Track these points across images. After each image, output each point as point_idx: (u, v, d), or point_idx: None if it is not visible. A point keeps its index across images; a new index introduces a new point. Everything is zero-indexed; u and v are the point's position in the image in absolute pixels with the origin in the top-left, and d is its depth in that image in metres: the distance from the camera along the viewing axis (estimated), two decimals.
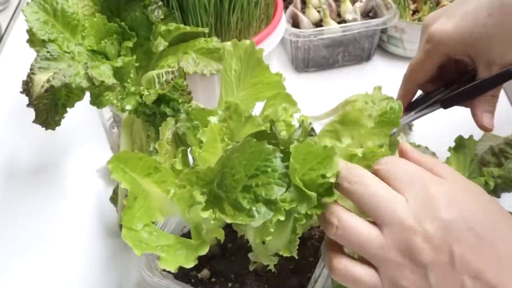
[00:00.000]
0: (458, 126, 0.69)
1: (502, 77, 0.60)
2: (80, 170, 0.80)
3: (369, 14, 0.99)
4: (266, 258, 0.48)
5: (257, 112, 0.55)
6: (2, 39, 1.06)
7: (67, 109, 0.61)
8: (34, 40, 0.60)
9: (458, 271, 0.37)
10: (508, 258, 0.38)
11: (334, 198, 0.41)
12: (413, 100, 0.68)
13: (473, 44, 0.60)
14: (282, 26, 0.77)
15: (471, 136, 0.67)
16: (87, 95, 0.60)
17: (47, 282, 0.66)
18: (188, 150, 0.50)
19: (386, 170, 0.42)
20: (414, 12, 0.99)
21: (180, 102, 0.55)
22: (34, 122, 0.59)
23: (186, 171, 0.44)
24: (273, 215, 0.41)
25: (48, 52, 0.57)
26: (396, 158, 0.43)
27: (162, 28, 0.63)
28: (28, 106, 0.57)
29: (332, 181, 0.41)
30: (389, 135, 0.53)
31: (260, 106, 0.57)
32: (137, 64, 0.62)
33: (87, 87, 0.56)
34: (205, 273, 0.55)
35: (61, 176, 0.80)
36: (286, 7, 0.96)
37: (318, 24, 0.96)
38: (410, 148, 0.46)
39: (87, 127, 0.85)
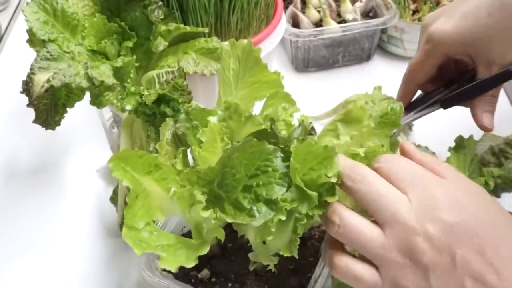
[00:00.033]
0: (458, 126, 0.69)
1: (502, 77, 0.60)
2: (80, 170, 0.80)
3: (369, 14, 0.99)
4: (266, 258, 0.48)
5: (256, 112, 0.55)
6: (2, 39, 1.06)
7: (67, 109, 0.61)
8: (34, 40, 0.60)
9: (459, 273, 0.38)
10: (508, 259, 0.38)
11: (336, 198, 0.41)
12: (412, 100, 0.69)
13: (473, 44, 0.60)
14: (282, 26, 0.77)
15: (471, 136, 0.67)
16: (87, 95, 0.60)
17: (47, 282, 0.66)
18: (188, 150, 0.50)
19: (387, 168, 0.42)
20: (414, 12, 0.99)
21: (180, 102, 0.55)
22: (34, 122, 0.59)
23: (187, 171, 0.44)
24: (274, 215, 0.41)
25: (48, 52, 0.57)
26: (397, 156, 0.43)
27: (162, 28, 0.63)
28: (28, 106, 0.57)
29: (333, 181, 0.41)
30: (389, 136, 0.53)
31: (259, 105, 0.57)
32: (137, 64, 0.62)
33: (87, 87, 0.56)
34: (205, 273, 0.55)
35: (61, 176, 0.80)
36: (286, 7, 0.96)
37: (318, 24, 0.96)
38: (411, 147, 0.46)
39: (87, 127, 0.85)
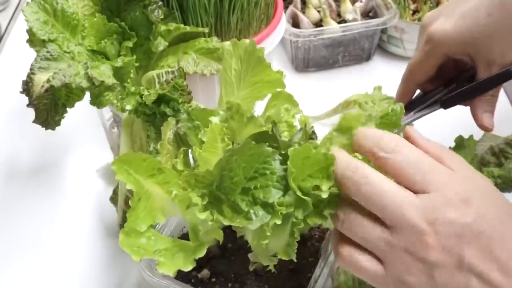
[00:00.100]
0: (458, 126, 0.68)
1: (502, 77, 0.60)
2: (80, 170, 0.80)
3: (369, 14, 0.99)
4: (266, 258, 0.48)
5: (258, 112, 0.55)
6: (2, 39, 1.06)
7: (67, 109, 0.60)
8: (34, 40, 0.60)
9: (465, 272, 0.37)
10: None
11: (335, 210, 0.41)
12: (411, 99, 0.68)
13: (472, 43, 0.60)
14: (282, 26, 0.77)
15: (471, 136, 0.67)
16: (87, 95, 0.60)
17: (47, 282, 0.66)
18: (189, 151, 0.50)
19: (393, 160, 0.40)
20: (414, 12, 0.99)
21: (180, 102, 0.55)
22: (34, 122, 0.59)
23: (185, 174, 0.44)
24: (270, 219, 0.41)
25: (48, 52, 0.57)
26: (402, 143, 0.41)
27: (162, 28, 0.63)
28: (28, 106, 0.57)
29: (324, 197, 0.40)
30: None
31: (260, 106, 0.57)
32: (137, 64, 0.62)
33: (87, 87, 0.56)
34: (205, 273, 0.55)
35: (61, 176, 0.80)
36: (286, 7, 0.96)
37: (318, 24, 0.96)
38: (417, 134, 0.44)
39: (87, 127, 0.85)
